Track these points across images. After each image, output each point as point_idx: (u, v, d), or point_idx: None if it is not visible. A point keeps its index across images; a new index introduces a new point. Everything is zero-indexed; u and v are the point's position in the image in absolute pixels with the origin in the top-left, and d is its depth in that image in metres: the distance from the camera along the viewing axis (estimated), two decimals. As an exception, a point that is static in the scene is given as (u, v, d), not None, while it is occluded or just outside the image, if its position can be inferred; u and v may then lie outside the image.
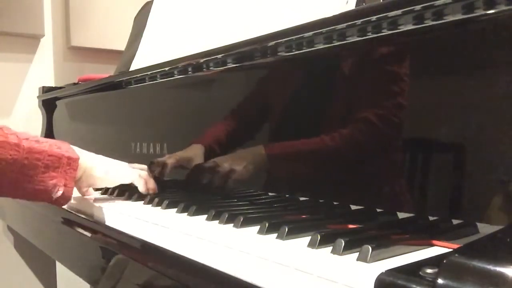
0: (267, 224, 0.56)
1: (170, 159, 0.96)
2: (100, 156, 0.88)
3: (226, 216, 0.63)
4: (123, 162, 0.92)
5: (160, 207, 0.77)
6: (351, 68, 0.66)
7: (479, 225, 0.52)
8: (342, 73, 0.67)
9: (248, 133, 0.83)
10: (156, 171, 0.98)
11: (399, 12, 0.54)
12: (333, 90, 0.69)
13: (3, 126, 0.74)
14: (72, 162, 0.79)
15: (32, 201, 0.82)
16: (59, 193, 0.77)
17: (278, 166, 0.76)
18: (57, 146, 0.78)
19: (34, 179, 0.75)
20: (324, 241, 0.49)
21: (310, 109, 0.72)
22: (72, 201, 0.91)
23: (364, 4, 0.70)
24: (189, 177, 0.92)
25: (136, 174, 0.88)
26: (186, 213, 0.70)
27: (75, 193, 0.97)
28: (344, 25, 0.61)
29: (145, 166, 0.93)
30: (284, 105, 0.77)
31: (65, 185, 0.77)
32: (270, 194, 0.78)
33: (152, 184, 0.89)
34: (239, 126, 0.85)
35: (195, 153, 0.90)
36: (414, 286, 0.36)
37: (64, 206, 0.95)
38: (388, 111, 0.60)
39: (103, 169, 0.86)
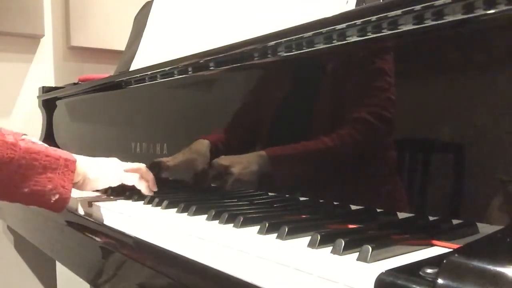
0: (267, 224, 0.56)
1: (173, 161, 0.96)
2: (97, 158, 0.87)
3: (226, 216, 0.63)
4: (118, 162, 0.90)
5: (160, 207, 0.77)
6: (352, 68, 0.66)
7: (479, 225, 0.52)
8: (343, 73, 0.67)
9: (249, 133, 0.83)
10: (158, 171, 0.97)
11: (399, 12, 0.54)
12: (334, 90, 0.69)
13: (0, 128, 0.74)
14: (70, 164, 0.77)
15: (28, 205, 0.80)
16: (56, 196, 0.75)
17: (280, 168, 0.76)
18: (53, 149, 0.78)
19: (31, 179, 0.73)
20: (324, 241, 0.49)
21: (310, 109, 0.71)
22: (71, 201, 0.92)
23: (364, 4, 0.70)
24: (190, 177, 0.93)
25: (136, 177, 0.87)
26: (186, 213, 0.70)
27: (75, 193, 0.98)
28: (344, 25, 0.61)
29: (141, 165, 0.91)
30: (284, 106, 0.77)
31: (62, 187, 0.75)
32: (270, 194, 0.78)
33: (152, 184, 0.89)
34: (239, 126, 0.84)
35: (198, 152, 0.89)
36: (414, 286, 0.36)
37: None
38: (388, 110, 0.60)
39: (102, 171, 0.85)
